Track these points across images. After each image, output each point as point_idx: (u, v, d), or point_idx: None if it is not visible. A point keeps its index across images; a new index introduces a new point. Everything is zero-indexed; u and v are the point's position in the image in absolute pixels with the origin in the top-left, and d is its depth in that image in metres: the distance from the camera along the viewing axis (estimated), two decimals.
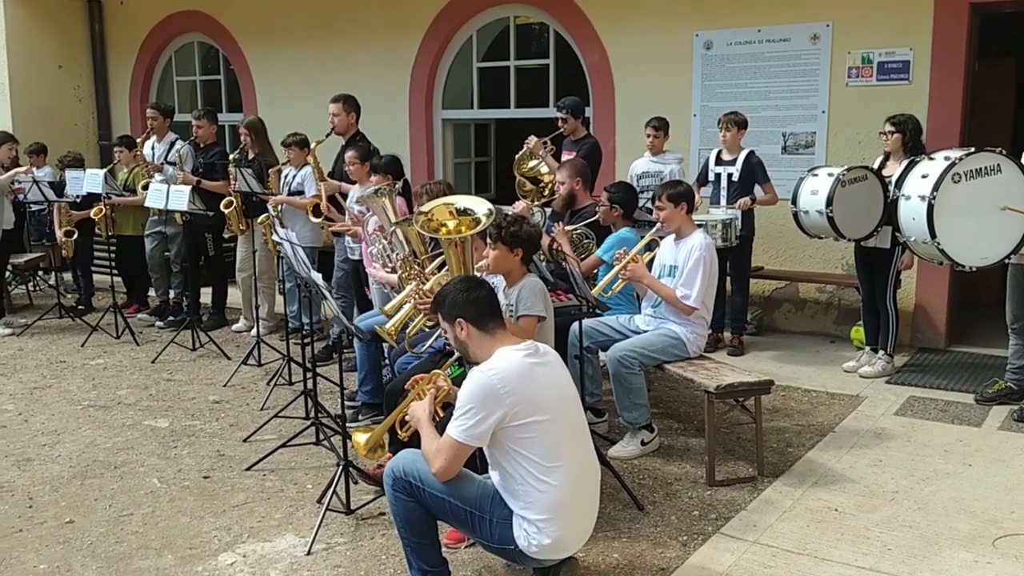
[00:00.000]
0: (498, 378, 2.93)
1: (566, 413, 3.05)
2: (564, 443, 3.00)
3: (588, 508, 3.13)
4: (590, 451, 3.17)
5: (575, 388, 3.18)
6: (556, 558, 3.09)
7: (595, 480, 3.17)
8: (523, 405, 2.92)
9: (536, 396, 2.96)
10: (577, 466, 3.03)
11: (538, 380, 2.99)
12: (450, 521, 3.15)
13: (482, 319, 3.10)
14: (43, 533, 3.90)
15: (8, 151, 7.66)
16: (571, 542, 3.08)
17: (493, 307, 3.14)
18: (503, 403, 2.91)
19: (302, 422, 5.02)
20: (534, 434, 2.94)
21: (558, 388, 3.07)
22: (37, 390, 6.04)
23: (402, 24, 8.67)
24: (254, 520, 4.00)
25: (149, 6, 10.41)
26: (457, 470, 3.04)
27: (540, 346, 3.11)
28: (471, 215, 3.65)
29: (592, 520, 3.16)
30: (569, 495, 2.98)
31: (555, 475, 2.95)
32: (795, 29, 6.88)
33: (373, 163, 5.95)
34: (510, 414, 2.91)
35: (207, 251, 7.68)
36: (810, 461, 4.53)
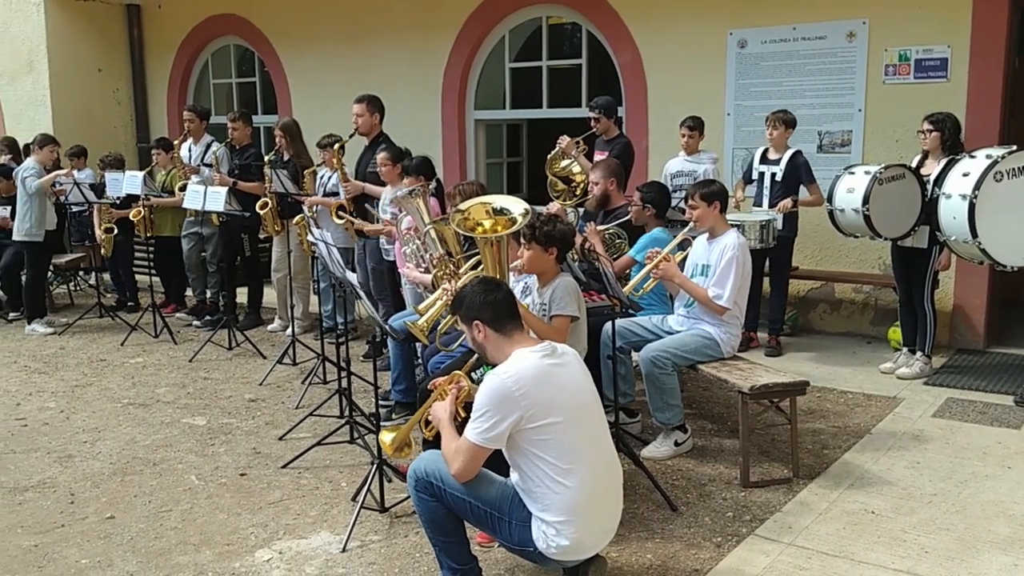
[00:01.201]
0: (512, 381, 2.93)
1: (583, 414, 3.04)
2: (581, 445, 2.99)
3: (608, 509, 3.11)
4: (609, 452, 3.14)
5: (593, 387, 3.16)
6: (577, 559, 3.08)
7: (615, 481, 3.15)
8: (538, 407, 2.92)
9: (552, 398, 2.95)
10: (595, 467, 3.01)
11: (554, 382, 2.99)
12: (471, 521, 3.16)
13: (499, 321, 3.10)
14: (84, 528, 3.98)
15: (50, 153, 7.81)
16: (590, 543, 3.06)
17: (511, 309, 3.15)
18: (518, 406, 2.91)
19: (336, 420, 5.07)
20: (550, 436, 2.94)
21: (575, 389, 3.05)
22: (78, 388, 6.16)
23: (434, 25, 8.71)
24: (290, 517, 4.05)
25: (186, 10, 10.56)
26: (475, 472, 3.05)
27: (558, 346, 3.10)
28: (507, 215, 3.67)
29: (614, 520, 3.14)
30: (587, 497, 2.97)
31: (572, 477, 2.94)
32: (831, 26, 6.81)
33: (404, 164, 5.98)
34: (525, 417, 2.91)
35: (243, 251, 7.78)
36: (846, 463, 4.48)
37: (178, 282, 8.46)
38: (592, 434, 3.05)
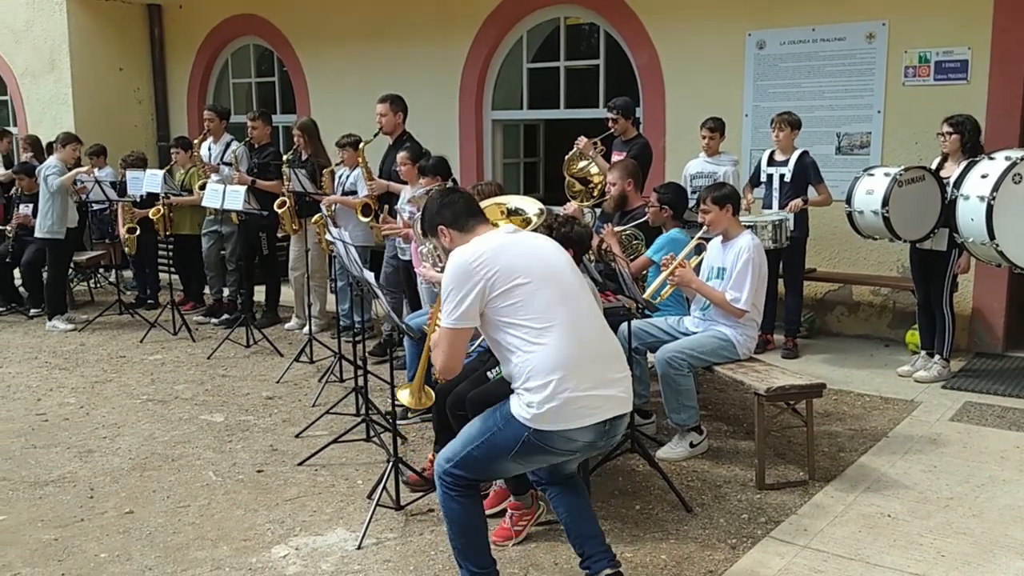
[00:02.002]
0: (470, 254, 2.94)
1: (556, 276, 2.99)
2: (556, 304, 2.93)
3: (603, 372, 2.95)
4: (592, 315, 3.06)
5: (571, 261, 3.15)
6: (570, 425, 2.89)
7: (607, 347, 3.04)
8: (501, 273, 2.90)
9: (514, 262, 2.94)
10: (576, 327, 2.93)
11: (518, 250, 2.99)
12: (490, 469, 3.10)
13: (459, 220, 3.12)
14: (104, 523, 4.02)
15: (72, 151, 7.89)
16: (586, 404, 2.89)
17: (469, 207, 3.17)
18: (479, 275, 2.89)
19: (353, 418, 5.10)
20: (518, 299, 2.90)
21: (542, 254, 3.04)
22: (98, 384, 6.22)
23: (453, 26, 8.73)
24: (306, 514, 4.08)
25: (206, 10, 10.64)
26: (458, 361, 3.03)
27: None
28: (522, 215, 3.68)
29: (613, 386, 2.97)
30: (568, 353, 2.88)
31: (547, 335, 2.88)
32: (850, 28, 6.78)
33: (421, 165, 6.01)
34: (488, 285, 2.89)
35: (261, 250, 7.83)
36: (863, 466, 4.47)
37: (197, 280, 8.53)
38: (568, 297, 2.98)
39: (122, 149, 9.50)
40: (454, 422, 4.07)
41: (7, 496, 4.34)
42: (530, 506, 3.81)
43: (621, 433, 3.08)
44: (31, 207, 8.14)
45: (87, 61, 10.61)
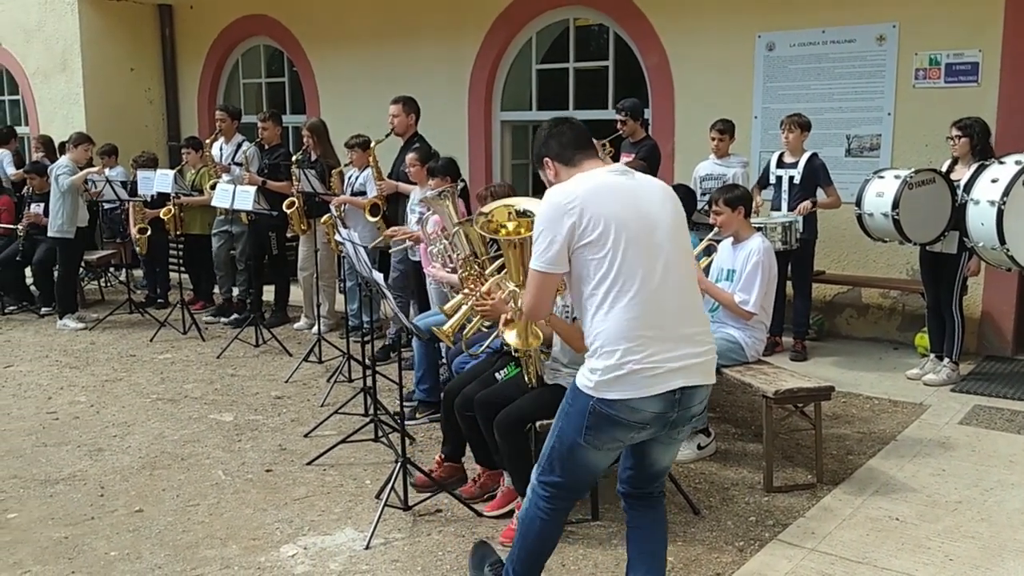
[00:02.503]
0: (564, 193, 2.76)
1: (647, 232, 2.73)
2: (639, 266, 2.70)
3: (675, 343, 2.70)
4: (680, 282, 2.77)
5: (674, 214, 2.82)
6: (636, 395, 2.68)
7: (688, 317, 2.76)
8: (591, 222, 2.70)
9: (608, 211, 2.71)
10: (655, 293, 2.70)
11: (616, 194, 2.75)
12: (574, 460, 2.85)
13: (565, 152, 2.92)
14: (114, 521, 4.05)
15: (84, 152, 7.92)
16: (650, 374, 2.68)
17: (577, 140, 2.93)
18: (569, 215, 2.70)
19: (361, 418, 5.12)
20: (602, 254, 2.70)
21: (641, 205, 2.76)
22: (108, 383, 6.26)
23: (462, 27, 8.75)
24: (314, 514, 4.10)
25: (217, 10, 10.68)
26: (545, 307, 2.88)
27: (639, 173, 2.87)
28: (530, 216, 3.67)
29: (687, 359, 2.71)
30: (641, 322, 2.68)
31: (623, 299, 2.68)
32: (860, 30, 6.77)
33: (430, 166, 6.02)
34: (576, 233, 2.70)
35: (271, 250, 7.86)
36: (871, 469, 4.46)
37: (206, 279, 8.56)
38: (656, 258, 2.73)
39: (133, 149, 9.55)
40: (462, 423, 4.10)
41: (18, 494, 4.37)
42: None
43: (698, 406, 2.79)
44: (42, 206, 8.19)
45: (98, 61, 10.67)
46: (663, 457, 2.94)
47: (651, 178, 2.94)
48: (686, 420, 2.81)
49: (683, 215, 2.89)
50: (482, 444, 4.08)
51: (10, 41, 11.41)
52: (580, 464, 2.87)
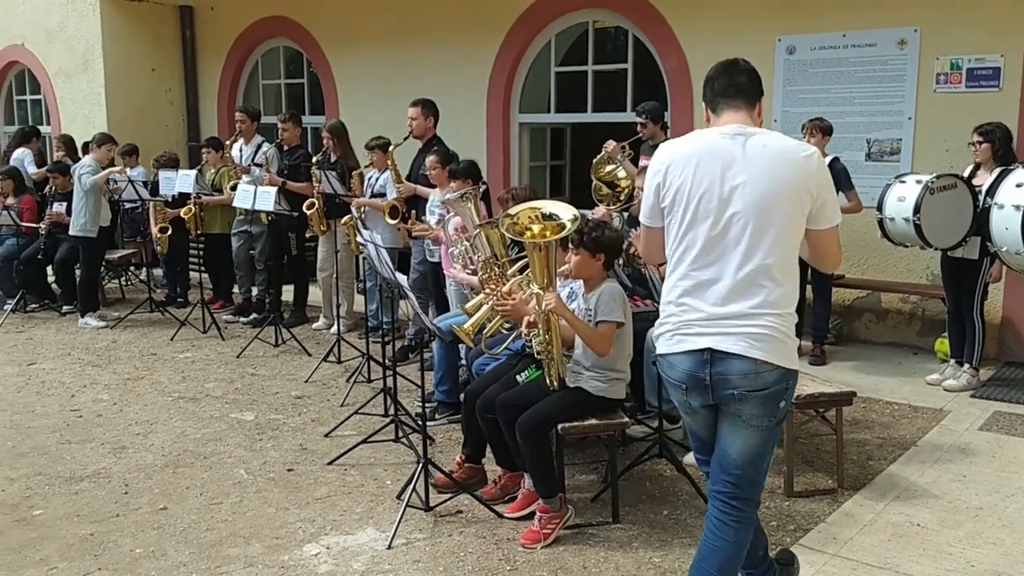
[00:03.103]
0: (660, 153, 2.84)
1: (720, 202, 2.69)
2: (702, 247, 2.71)
3: (721, 320, 2.70)
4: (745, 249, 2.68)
5: (773, 185, 2.67)
6: (672, 349, 2.77)
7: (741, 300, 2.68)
8: (671, 185, 2.76)
9: (694, 181, 2.72)
10: (711, 278, 2.71)
11: (705, 161, 2.71)
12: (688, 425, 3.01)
13: (714, 100, 2.86)
14: (138, 519, 4.09)
15: (107, 152, 7.99)
16: (687, 332, 2.73)
17: (726, 90, 2.82)
18: (656, 177, 2.81)
19: (381, 419, 5.15)
20: (676, 224, 2.76)
21: (729, 173, 2.69)
22: (130, 381, 6.32)
23: (481, 29, 8.77)
24: (336, 513, 4.13)
25: (238, 12, 10.75)
26: (656, 254, 2.95)
27: (757, 132, 2.75)
28: (556, 220, 3.69)
29: (728, 334, 2.69)
30: (690, 298, 2.73)
31: (679, 270, 2.76)
32: (881, 34, 6.75)
33: (451, 168, 6.04)
34: (660, 192, 2.80)
35: (290, 250, 7.90)
36: (892, 475, 4.45)
37: (226, 278, 8.62)
38: (721, 242, 2.70)
39: (153, 149, 9.63)
40: (484, 425, 4.12)
41: (44, 491, 4.42)
42: (558, 509, 3.83)
43: (740, 379, 2.69)
44: (64, 205, 8.27)
45: (120, 61, 10.76)
46: (732, 441, 2.81)
47: (770, 141, 2.74)
48: (731, 393, 2.71)
49: (796, 184, 2.69)
50: (503, 446, 4.10)
51: (32, 41, 11.53)
52: (689, 428, 3.02)
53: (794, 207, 2.71)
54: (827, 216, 2.78)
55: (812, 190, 2.71)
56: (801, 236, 2.78)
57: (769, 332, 2.69)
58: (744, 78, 2.84)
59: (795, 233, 2.74)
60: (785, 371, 2.73)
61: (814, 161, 2.73)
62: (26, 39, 11.60)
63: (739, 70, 2.86)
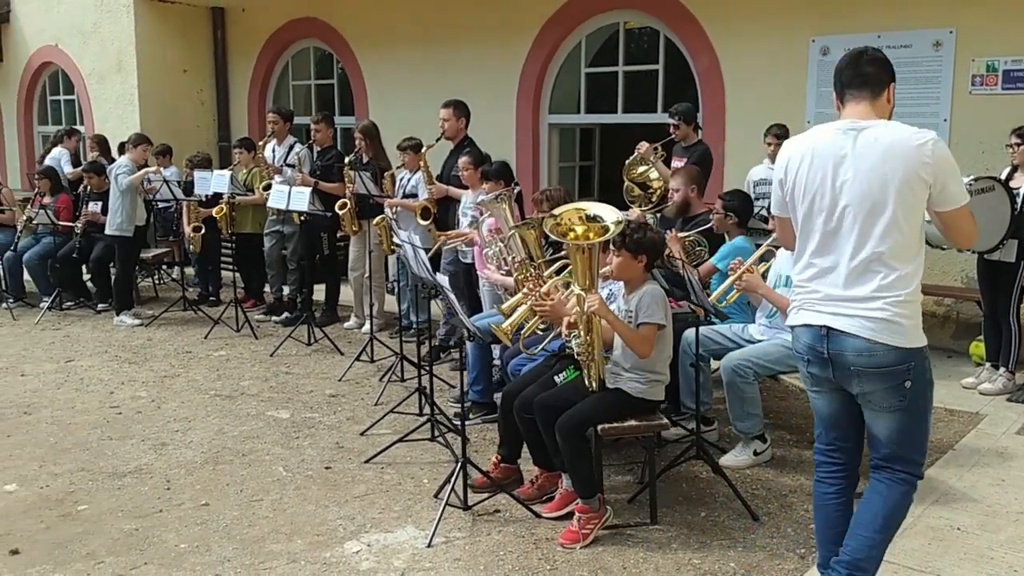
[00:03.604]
0: (784, 150, 3.06)
1: (832, 197, 2.87)
2: (817, 228, 2.93)
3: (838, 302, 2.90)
4: (859, 241, 2.85)
5: (885, 179, 2.80)
6: (795, 322, 3.04)
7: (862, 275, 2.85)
8: (790, 181, 2.99)
9: (804, 173, 2.94)
10: (831, 267, 2.91)
11: (819, 158, 2.90)
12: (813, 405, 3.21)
13: (842, 90, 2.99)
14: (181, 514, 4.15)
15: (143, 152, 8.10)
16: (808, 308, 2.98)
17: (852, 80, 2.93)
18: (779, 172, 3.05)
19: (415, 418, 5.19)
20: (794, 211, 3.00)
21: (840, 170, 2.86)
22: (167, 378, 6.40)
23: (511, 30, 8.80)
24: (375, 511, 4.17)
25: (268, 13, 10.85)
26: (788, 242, 3.19)
27: (869, 125, 2.85)
28: (600, 222, 3.72)
29: (844, 316, 2.88)
30: (812, 274, 2.97)
31: (802, 258, 3.01)
32: (916, 35, 6.71)
33: (484, 169, 6.08)
34: (784, 188, 3.03)
35: (322, 250, 7.97)
36: (930, 479, 4.42)
37: (257, 277, 8.70)
38: (838, 224, 2.88)
39: (185, 149, 9.74)
40: (521, 425, 4.15)
41: (87, 486, 4.49)
42: (597, 510, 3.85)
43: (855, 357, 2.86)
44: (100, 205, 8.38)
45: (153, 62, 10.89)
46: (875, 424, 3.01)
47: (882, 134, 2.83)
48: (849, 370, 2.89)
49: (906, 174, 2.79)
50: (541, 446, 4.12)
51: (67, 43, 11.69)
52: (812, 408, 3.18)
53: (907, 195, 2.82)
54: (950, 198, 2.87)
55: (925, 177, 2.80)
56: (920, 220, 2.89)
57: (884, 315, 2.84)
58: (870, 67, 2.94)
59: (912, 219, 2.85)
60: (904, 351, 2.85)
61: (928, 148, 2.80)
62: (60, 40, 11.77)
63: (866, 60, 2.96)
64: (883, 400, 2.91)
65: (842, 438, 3.10)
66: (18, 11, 12.33)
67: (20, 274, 8.90)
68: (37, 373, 6.55)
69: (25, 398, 5.96)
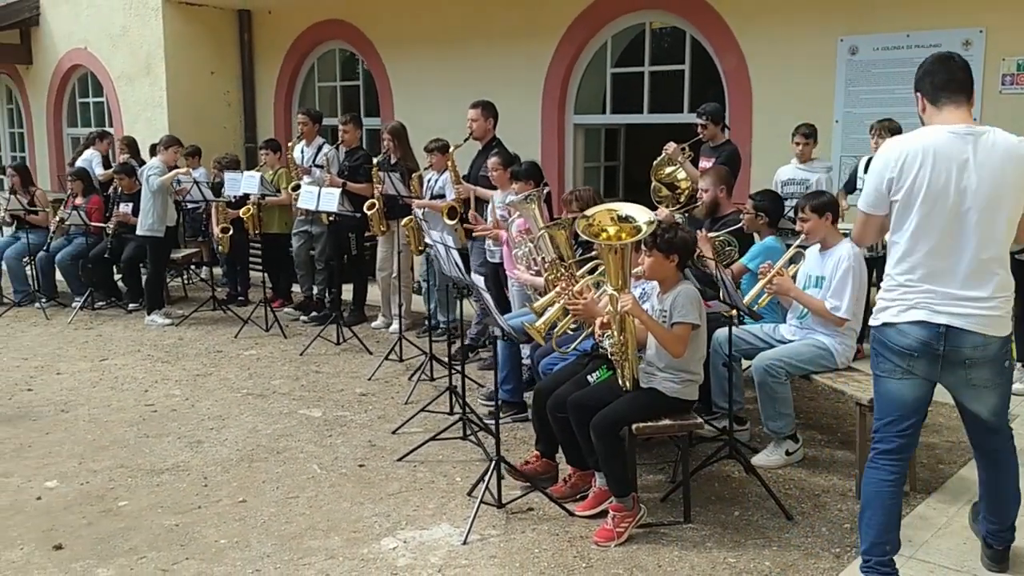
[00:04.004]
0: (893, 149, 3.05)
1: (953, 200, 2.96)
2: (933, 230, 2.99)
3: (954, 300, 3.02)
4: (977, 244, 2.99)
5: (1000, 182, 2.95)
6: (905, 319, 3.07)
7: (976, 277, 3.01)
8: (904, 181, 2.99)
9: (922, 174, 2.96)
10: (947, 269, 3.00)
11: (938, 160, 2.95)
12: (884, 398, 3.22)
13: (935, 92, 3.07)
14: (220, 511, 4.21)
15: (174, 154, 8.19)
16: (922, 306, 3.04)
17: (947, 84, 3.05)
18: (891, 172, 3.02)
19: (447, 417, 5.24)
20: (904, 211, 3.02)
21: (960, 173, 2.95)
22: (199, 377, 6.48)
23: (537, 30, 8.83)
24: (409, 509, 4.21)
25: (294, 15, 10.94)
26: (869, 239, 3.31)
27: (987, 131, 2.99)
28: (632, 222, 3.74)
29: (962, 313, 3.02)
30: (923, 275, 3.03)
31: (911, 260, 3.04)
32: (946, 35, 6.68)
33: (513, 170, 6.11)
34: (893, 187, 3.02)
35: (350, 250, 8.03)
36: (963, 479, 4.42)
37: (285, 277, 8.78)
38: (955, 227, 2.99)
39: (212, 150, 9.84)
40: (555, 424, 4.18)
41: (126, 483, 4.57)
42: (631, 508, 3.87)
43: (971, 350, 3.05)
44: (131, 206, 8.49)
45: (181, 65, 11.00)
46: (974, 403, 3.23)
47: (997, 140, 2.98)
48: (962, 362, 3.06)
49: (1018, 182, 2.99)
50: (574, 445, 4.15)
51: (96, 46, 11.84)
52: (884, 398, 3.22)
53: (1015, 201, 3.02)
54: None
55: None
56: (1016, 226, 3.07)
57: (998, 313, 3.05)
58: (962, 73, 3.08)
59: (1014, 224, 3.07)
60: (1005, 338, 3.11)
61: None
62: (89, 43, 11.92)
63: (957, 65, 3.09)
64: (987, 381, 3.13)
65: (916, 424, 3.23)
66: (47, 15, 12.50)
67: (52, 274, 9.03)
68: (72, 372, 6.65)
69: (62, 396, 6.06)
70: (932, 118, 3.09)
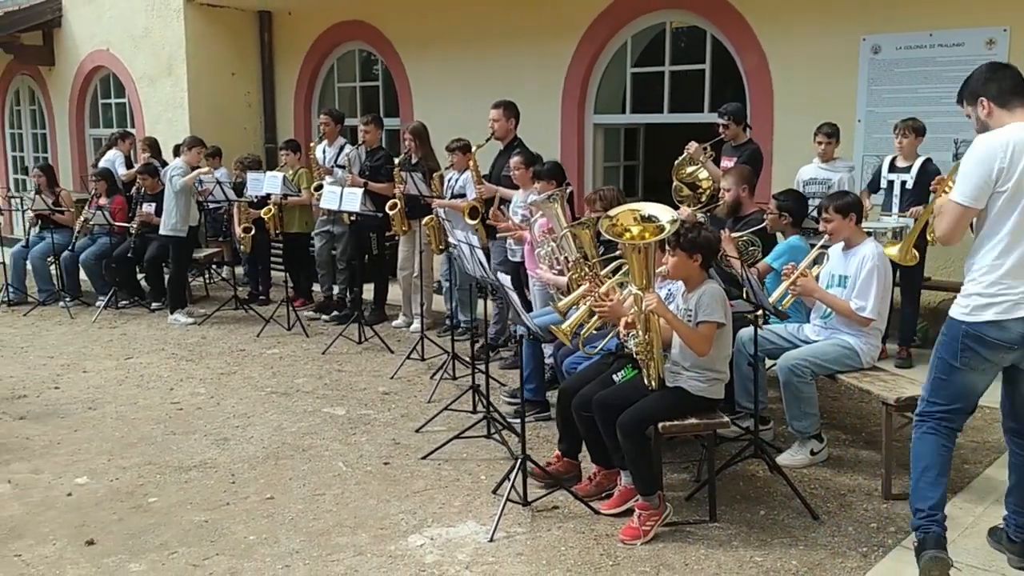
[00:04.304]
0: (999, 139, 3.08)
1: None
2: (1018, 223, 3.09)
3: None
4: None
5: None
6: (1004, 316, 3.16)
7: None
8: (1012, 171, 3.05)
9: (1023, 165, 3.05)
10: None
11: None
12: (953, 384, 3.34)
13: (1003, 96, 3.17)
14: (248, 507, 4.26)
15: (197, 154, 8.25)
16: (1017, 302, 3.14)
17: (1015, 88, 3.18)
18: (1000, 161, 3.06)
19: (469, 414, 5.27)
20: (1005, 202, 3.09)
21: None
22: (224, 376, 6.53)
23: (557, 30, 8.84)
24: (435, 506, 4.24)
25: (314, 16, 10.99)
26: (957, 235, 3.25)
27: None
28: (655, 222, 3.76)
29: None
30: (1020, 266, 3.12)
31: (1008, 256, 3.13)
32: (969, 33, 6.65)
33: (536, 170, 6.13)
34: (1001, 176, 3.07)
35: (371, 250, 8.08)
36: (988, 478, 4.41)
37: (305, 277, 8.84)
38: None
39: (233, 151, 9.91)
40: (580, 423, 4.19)
41: (155, 479, 4.62)
42: (657, 506, 3.88)
43: None
44: (154, 206, 8.57)
45: (202, 66, 11.07)
46: None
47: None
48: None
49: None
50: (599, 443, 4.17)
51: (118, 47, 11.93)
52: (960, 388, 3.33)
53: None
54: None
55: None
56: None
57: None
58: (1020, 78, 3.22)
59: None
60: None
61: None
62: (111, 44, 12.02)
63: (1014, 70, 3.24)
64: None
65: (975, 405, 3.42)
66: (70, 16, 12.61)
67: (76, 273, 9.13)
68: (98, 370, 6.72)
69: (89, 394, 6.13)
70: (1001, 119, 3.15)
